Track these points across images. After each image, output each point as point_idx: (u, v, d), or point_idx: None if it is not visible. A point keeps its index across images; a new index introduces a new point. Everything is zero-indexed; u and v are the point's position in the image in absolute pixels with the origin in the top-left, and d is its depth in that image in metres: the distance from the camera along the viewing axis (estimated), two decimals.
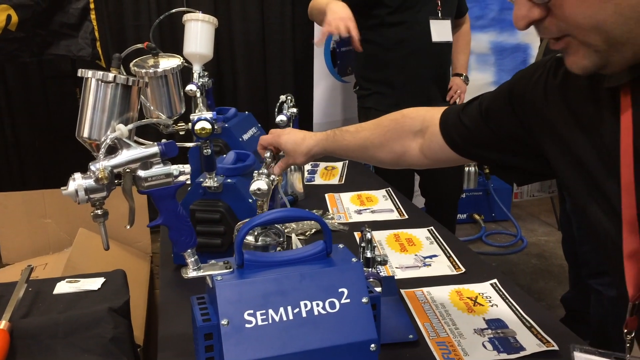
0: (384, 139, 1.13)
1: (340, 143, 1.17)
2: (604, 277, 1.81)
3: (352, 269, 0.88)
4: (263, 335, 0.80)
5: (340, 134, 1.17)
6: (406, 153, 1.12)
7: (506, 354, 1.00)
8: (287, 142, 1.18)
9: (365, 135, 1.15)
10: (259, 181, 1.10)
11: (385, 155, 1.14)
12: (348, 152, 1.17)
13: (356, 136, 1.15)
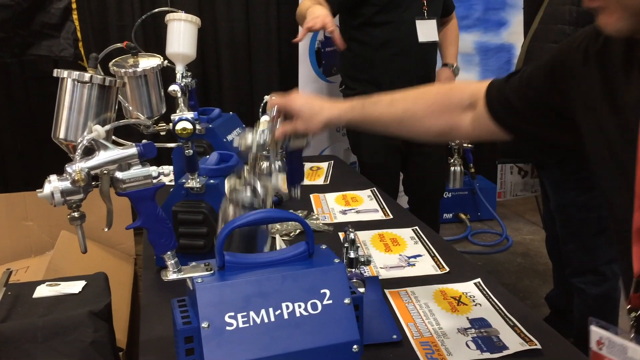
0: (429, 111, 1.05)
1: (369, 115, 1.08)
2: (587, 276, 1.82)
3: (334, 270, 0.87)
4: (244, 338, 0.80)
5: (371, 105, 1.08)
6: (454, 127, 1.05)
7: (489, 353, 1.00)
8: (303, 106, 1.07)
9: (404, 107, 1.07)
10: (248, 134, 1.04)
11: (427, 129, 1.07)
12: (377, 125, 1.09)
13: (391, 108, 1.07)
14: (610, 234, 1.75)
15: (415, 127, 1.07)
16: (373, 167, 2.27)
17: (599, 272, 1.81)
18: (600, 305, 1.85)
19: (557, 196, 1.84)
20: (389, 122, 1.08)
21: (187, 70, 1.62)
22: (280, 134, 1.07)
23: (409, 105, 1.07)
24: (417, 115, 1.06)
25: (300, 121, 1.07)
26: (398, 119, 1.07)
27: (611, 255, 1.80)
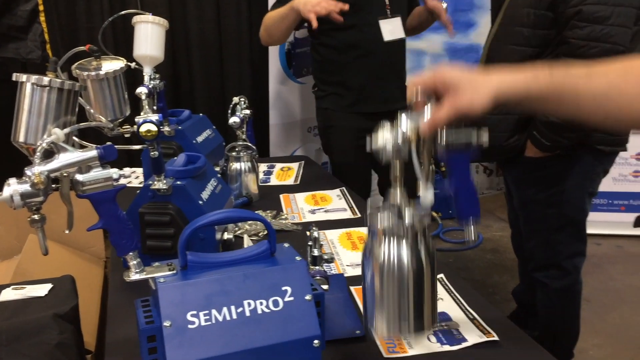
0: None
1: (562, 86, 0.82)
2: (549, 270, 1.88)
3: (295, 268, 0.90)
4: (206, 336, 0.81)
5: (562, 73, 0.83)
6: None
7: (449, 345, 1.03)
8: (459, 74, 0.82)
9: (608, 81, 0.83)
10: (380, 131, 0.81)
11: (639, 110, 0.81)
12: (570, 100, 0.83)
13: (592, 80, 0.83)
14: (571, 230, 1.81)
15: (621, 107, 0.82)
16: (344, 167, 2.30)
17: (561, 266, 1.86)
18: (563, 299, 1.91)
19: (519, 193, 1.89)
20: (589, 97, 0.82)
21: (155, 72, 1.63)
22: (431, 124, 0.80)
23: (615, 80, 0.83)
24: (627, 92, 0.81)
25: (461, 95, 0.80)
26: (602, 94, 0.82)
27: (572, 250, 1.85)
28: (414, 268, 0.79)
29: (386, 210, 0.81)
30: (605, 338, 2.39)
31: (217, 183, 1.47)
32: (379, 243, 0.81)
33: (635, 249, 3.18)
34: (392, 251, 0.80)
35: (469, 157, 0.84)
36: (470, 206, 0.87)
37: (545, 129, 1.66)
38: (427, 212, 0.81)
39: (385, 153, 0.79)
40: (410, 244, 0.79)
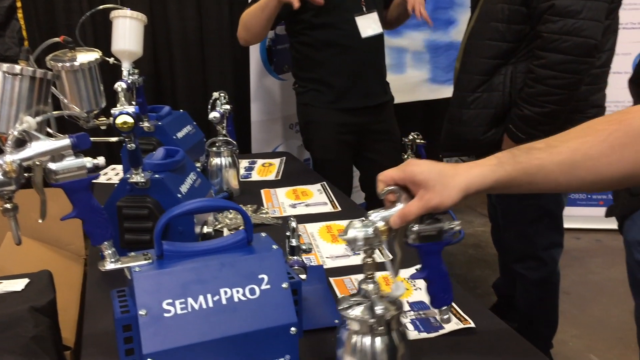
0: (606, 145, 0.80)
1: (527, 166, 0.82)
2: (527, 262, 1.90)
3: (272, 256, 0.90)
4: (182, 324, 0.81)
5: (523, 154, 0.84)
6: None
7: (426, 332, 1.04)
8: (431, 173, 0.82)
9: (570, 147, 0.82)
10: (355, 230, 0.81)
11: (610, 169, 0.81)
12: (539, 177, 0.83)
13: (554, 151, 0.83)
14: (547, 221, 1.83)
15: (591, 171, 0.81)
16: (325, 162, 2.31)
17: (538, 257, 1.89)
18: (540, 290, 1.93)
19: None
20: (554, 169, 0.82)
21: (134, 68, 1.63)
22: (402, 219, 0.82)
23: (576, 145, 0.82)
24: (591, 154, 0.81)
25: (431, 193, 0.81)
26: (568, 163, 0.81)
27: (549, 241, 1.88)
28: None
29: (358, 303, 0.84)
30: (584, 329, 2.43)
31: (196, 177, 1.47)
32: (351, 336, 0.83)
33: (614, 242, 3.23)
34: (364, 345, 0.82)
35: (440, 246, 0.87)
36: (443, 293, 0.90)
37: (521, 122, 1.68)
38: (399, 303, 0.84)
39: (356, 246, 0.81)
40: (381, 336, 0.82)
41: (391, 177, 0.85)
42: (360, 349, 0.81)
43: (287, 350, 0.87)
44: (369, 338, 0.81)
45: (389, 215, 0.82)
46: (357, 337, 0.81)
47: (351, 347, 0.82)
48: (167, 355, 0.79)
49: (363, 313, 0.82)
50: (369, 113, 2.30)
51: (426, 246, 0.87)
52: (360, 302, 0.83)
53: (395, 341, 0.82)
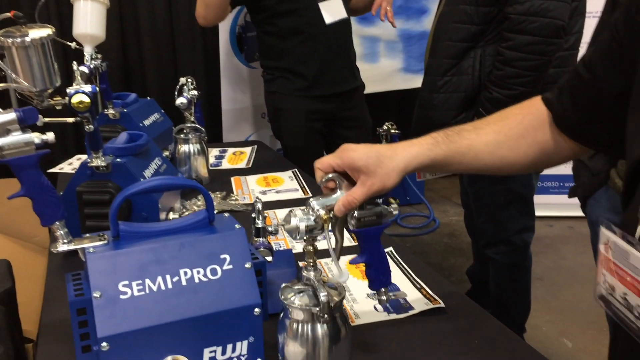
0: (521, 128, 0.88)
1: (458, 146, 0.87)
2: (499, 246, 1.90)
3: (234, 236, 0.87)
4: (140, 306, 0.78)
5: (455, 134, 0.89)
6: (557, 144, 0.86)
7: (395, 314, 1.02)
8: (369, 158, 0.83)
9: (494, 129, 0.89)
10: (296, 219, 0.81)
11: (525, 151, 0.88)
12: (468, 156, 0.87)
13: (480, 132, 0.89)
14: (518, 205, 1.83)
15: (512, 150, 0.88)
16: (295, 150, 2.28)
17: (510, 242, 1.89)
18: (513, 274, 1.94)
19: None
20: (482, 149, 0.88)
21: (96, 52, 1.58)
22: (346, 205, 0.82)
23: (498, 127, 0.89)
24: (511, 135, 0.88)
25: (373, 178, 0.82)
26: (493, 143, 0.88)
27: (520, 225, 1.88)
28: (326, 346, 0.80)
29: (300, 291, 0.82)
30: (557, 314, 2.44)
31: (161, 163, 1.43)
32: (293, 323, 0.81)
33: (586, 229, 3.25)
34: (306, 331, 0.80)
35: (380, 229, 0.87)
36: (382, 276, 0.91)
37: (490, 105, 1.68)
38: (341, 290, 0.83)
39: (299, 233, 0.81)
40: (323, 323, 0.80)
41: (329, 164, 0.85)
42: (303, 336, 0.79)
43: (251, 332, 0.84)
44: (312, 325, 0.79)
45: (329, 203, 0.82)
46: (300, 324, 0.79)
47: (293, 334, 0.80)
48: (123, 339, 0.76)
49: (305, 301, 0.80)
50: (339, 100, 2.27)
51: (367, 231, 0.87)
52: (302, 290, 0.81)
53: (338, 327, 0.80)
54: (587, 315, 2.43)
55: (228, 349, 0.83)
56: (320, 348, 0.78)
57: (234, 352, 0.83)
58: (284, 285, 0.83)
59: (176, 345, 0.79)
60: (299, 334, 0.79)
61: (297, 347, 0.79)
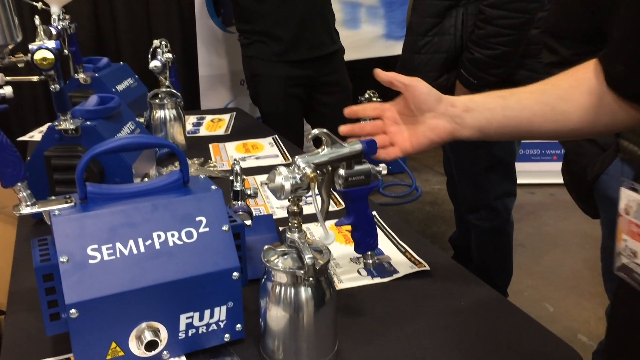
0: (573, 80, 0.77)
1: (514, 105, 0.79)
2: (481, 212, 1.88)
3: (210, 197, 0.82)
4: (110, 271, 0.73)
5: (511, 95, 0.80)
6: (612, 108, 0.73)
7: (380, 277, 0.99)
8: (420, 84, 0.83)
9: (541, 83, 0.79)
10: (281, 177, 0.74)
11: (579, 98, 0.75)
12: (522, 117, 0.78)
13: (534, 95, 0.79)
14: (500, 170, 1.81)
15: (563, 98, 0.76)
16: (274, 117, 2.22)
17: (491, 207, 1.87)
18: (494, 239, 1.92)
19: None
20: (526, 96, 0.79)
21: (64, 13, 1.50)
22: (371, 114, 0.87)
23: (543, 83, 0.79)
24: (559, 84, 0.77)
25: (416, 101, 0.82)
26: (539, 91, 0.78)
27: (502, 190, 1.86)
28: (310, 311, 0.75)
29: (284, 253, 0.77)
30: (539, 280, 2.46)
31: (135, 127, 1.36)
32: (276, 286, 0.76)
33: (567, 196, 3.26)
34: (290, 295, 0.75)
35: (367, 190, 0.83)
36: (368, 239, 0.87)
37: (472, 66, 1.63)
38: (327, 252, 0.78)
39: (284, 192, 0.74)
40: (307, 287, 0.75)
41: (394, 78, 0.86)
42: (286, 300, 0.75)
43: (230, 297, 0.80)
44: (295, 289, 0.74)
45: (317, 160, 0.78)
46: (283, 287, 0.75)
47: (276, 298, 0.75)
48: (93, 306, 0.71)
49: (289, 263, 0.75)
50: (317, 64, 2.21)
51: (354, 192, 0.83)
52: (286, 252, 0.77)
53: (323, 291, 0.76)
54: (568, 281, 2.45)
55: (206, 314, 0.79)
56: (305, 313, 0.75)
57: (212, 317, 0.80)
58: (267, 247, 0.79)
59: (150, 312, 0.75)
60: (282, 298, 0.75)
61: (279, 312, 0.75)
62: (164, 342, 0.77)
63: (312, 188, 0.75)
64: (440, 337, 0.83)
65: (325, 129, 0.79)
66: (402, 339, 0.83)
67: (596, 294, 2.34)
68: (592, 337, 2.06)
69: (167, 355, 0.78)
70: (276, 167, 0.76)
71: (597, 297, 2.31)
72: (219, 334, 0.81)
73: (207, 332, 0.80)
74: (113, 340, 0.74)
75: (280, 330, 0.76)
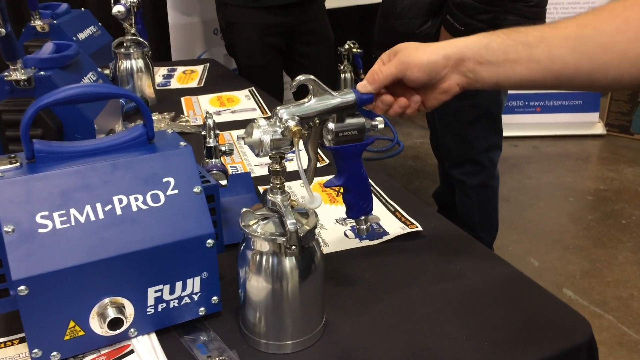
0: (620, 20, 0.62)
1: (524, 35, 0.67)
2: (466, 166, 1.81)
3: (179, 155, 0.73)
4: (64, 241, 0.64)
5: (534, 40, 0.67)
6: None
7: (368, 240, 0.92)
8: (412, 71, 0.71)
9: (579, 22, 0.65)
10: (260, 131, 0.64)
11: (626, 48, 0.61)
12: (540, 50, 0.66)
13: (559, 25, 0.66)
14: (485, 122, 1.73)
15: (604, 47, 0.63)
16: (251, 69, 2.10)
17: (477, 161, 1.80)
18: (480, 194, 1.86)
19: None
20: (561, 44, 0.65)
21: None
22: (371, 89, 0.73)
23: (584, 20, 0.65)
24: (602, 28, 0.63)
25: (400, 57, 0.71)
26: (574, 37, 0.64)
27: (487, 143, 1.79)
28: (295, 281, 0.67)
29: (264, 217, 0.68)
30: (523, 234, 2.42)
31: (96, 77, 1.24)
32: (256, 255, 0.67)
33: (550, 148, 3.23)
34: (272, 265, 0.66)
35: (361, 147, 0.74)
36: (362, 201, 0.77)
37: (458, 10, 1.53)
38: (313, 217, 0.69)
39: (262, 148, 0.64)
40: (292, 256, 0.66)
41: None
42: (268, 270, 0.66)
43: (204, 267, 0.71)
44: (278, 258, 0.65)
45: (301, 112, 0.68)
46: (265, 256, 0.66)
47: (256, 267, 0.66)
48: (46, 281, 0.62)
49: (270, 229, 0.66)
50: (296, 11, 2.07)
51: (346, 149, 0.73)
52: (267, 216, 0.68)
53: (309, 260, 0.67)
54: (552, 234, 2.42)
55: (177, 287, 0.71)
56: (289, 284, 0.66)
57: (185, 290, 0.71)
58: (245, 210, 0.70)
59: (113, 286, 0.66)
60: (263, 267, 0.66)
61: (261, 283, 0.67)
62: (130, 319, 0.69)
63: (296, 145, 0.65)
64: (437, 305, 0.76)
65: (312, 76, 0.69)
66: (395, 308, 0.76)
67: (581, 247, 2.32)
68: (577, 291, 2.04)
69: (134, 333, 0.70)
70: (254, 119, 0.66)
71: (582, 251, 2.29)
72: (192, 308, 0.73)
73: (180, 306, 0.72)
74: (71, 319, 0.66)
75: (262, 302, 0.68)
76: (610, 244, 2.34)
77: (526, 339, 0.69)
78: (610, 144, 3.32)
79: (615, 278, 2.11)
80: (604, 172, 2.96)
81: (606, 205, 2.64)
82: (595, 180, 2.87)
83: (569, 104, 3.41)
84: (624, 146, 3.30)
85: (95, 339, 0.68)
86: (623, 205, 2.64)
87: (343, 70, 3.47)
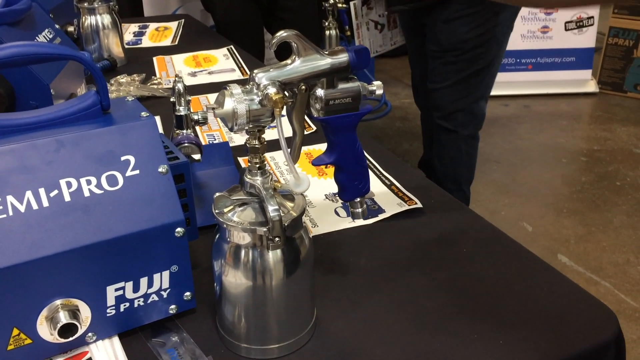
0: None
1: None
2: (457, 118, 1.71)
3: (140, 127, 0.61)
4: (1, 236, 0.53)
5: None
6: None
7: (362, 219, 0.81)
8: None
9: None
10: (233, 100, 0.53)
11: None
12: None
13: None
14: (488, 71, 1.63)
15: None
16: (230, 25, 1.95)
17: (470, 110, 1.71)
18: (468, 146, 1.77)
19: (448, 37, 1.64)
20: None
21: None
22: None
23: None
24: None
25: None
26: None
27: (481, 93, 1.69)
28: (280, 277, 0.56)
29: (242, 203, 0.57)
30: (516, 198, 2.35)
31: (53, 35, 1.10)
32: (232, 248, 0.56)
33: (542, 107, 3.14)
34: (252, 259, 0.55)
35: (356, 117, 0.61)
36: (357, 182, 0.65)
37: None
38: (300, 202, 0.57)
39: (237, 121, 0.53)
40: (275, 249, 0.55)
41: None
42: (247, 264, 0.55)
43: (173, 260, 0.61)
44: (259, 251, 0.55)
45: (283, 76, 0.56)
46: (243, 249, 0.55)
47: (234, 261, 0.56)
48: None
49: (249, 217, 0.55)
50: None
51: (337, 119, 0.61)
52: (244, 202, 0.57)
53: (296, 252, 0.57)
54: (545, 198, 2.35)
55: (142, 283, 0.60)
56: (273, 280, 0.56)
57: (151, 287, 0.61)
58: (218, 194, 0.59)
59: (64, 286, 0.56)
60: (242, 262, 0.56)
61: (240, 279, 0.57)
62: (86, 323, 0.59)
63: (278, 116, 0.54)
64: (443, 294, 0.67)
65: (296, 31, 0.57)
66: (395, 300, 0.66)
67: (575, 211, 2.25)
68: (572, 257, 1.98)
69: (92, 338, 0.60)
70: (226, 85, 0.55)
71: (576, 215, 2.22)
72: (161, 307, 0.63)
73: (146, 304, 0.61)
74: (14, 326, 0.55)
75: (242, 302, 0.58)
76: (605, 207, 2.27)
77: (549, 335, 0.60)
78: (603, 103, 3.24)
79: (611, 243, 2.05)
80: (597, 132, 2.87)
81: (600, 167, 2.57)
82: (588, 141, 2.79)
83: (561, 61, 3.30)
84: (617, 104, 3.21)
85: (45, 347, 0.58)
86: (617, 166, 2.57)
87: (328, 26, 3.31)
